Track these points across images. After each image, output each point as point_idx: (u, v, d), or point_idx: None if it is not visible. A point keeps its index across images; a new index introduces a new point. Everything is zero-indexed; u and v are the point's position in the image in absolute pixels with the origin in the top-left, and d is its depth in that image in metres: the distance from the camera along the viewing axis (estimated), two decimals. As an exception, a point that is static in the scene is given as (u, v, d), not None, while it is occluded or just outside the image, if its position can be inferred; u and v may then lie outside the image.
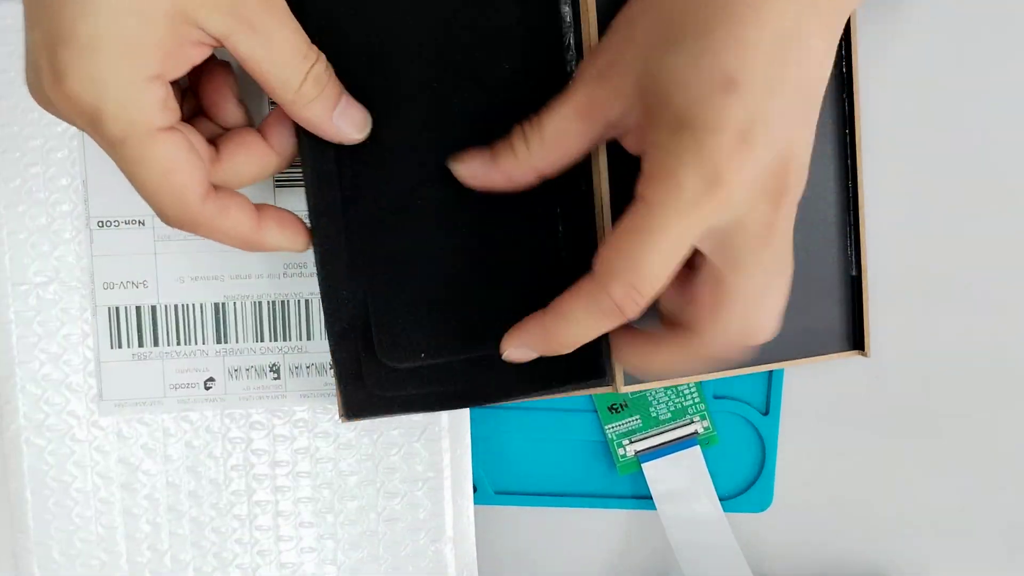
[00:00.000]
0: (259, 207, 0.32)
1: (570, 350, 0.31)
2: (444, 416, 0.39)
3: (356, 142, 0.32)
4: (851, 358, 0.37)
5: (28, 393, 0.38)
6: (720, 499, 0.38)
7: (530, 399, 0.35)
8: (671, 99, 0.27)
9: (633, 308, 0.28)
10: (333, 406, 0.39)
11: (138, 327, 0.38)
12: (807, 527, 0.39)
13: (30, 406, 0.38)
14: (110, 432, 0.38)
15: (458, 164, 0.32)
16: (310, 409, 0.39)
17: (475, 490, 0.40)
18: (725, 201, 0.27)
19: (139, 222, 0.38)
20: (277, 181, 0.37)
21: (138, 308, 0.38)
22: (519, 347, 0.32)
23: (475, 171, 0.31)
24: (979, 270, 0.36)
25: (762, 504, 0.39)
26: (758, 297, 0.28)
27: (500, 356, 0.32)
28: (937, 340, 0.38)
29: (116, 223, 0.38)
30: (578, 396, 0.39)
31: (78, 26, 0.26)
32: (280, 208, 0.33)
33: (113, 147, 0.28)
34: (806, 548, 0.39)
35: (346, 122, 0.31)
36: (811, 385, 0.38)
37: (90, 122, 0.27)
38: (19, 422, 0.38)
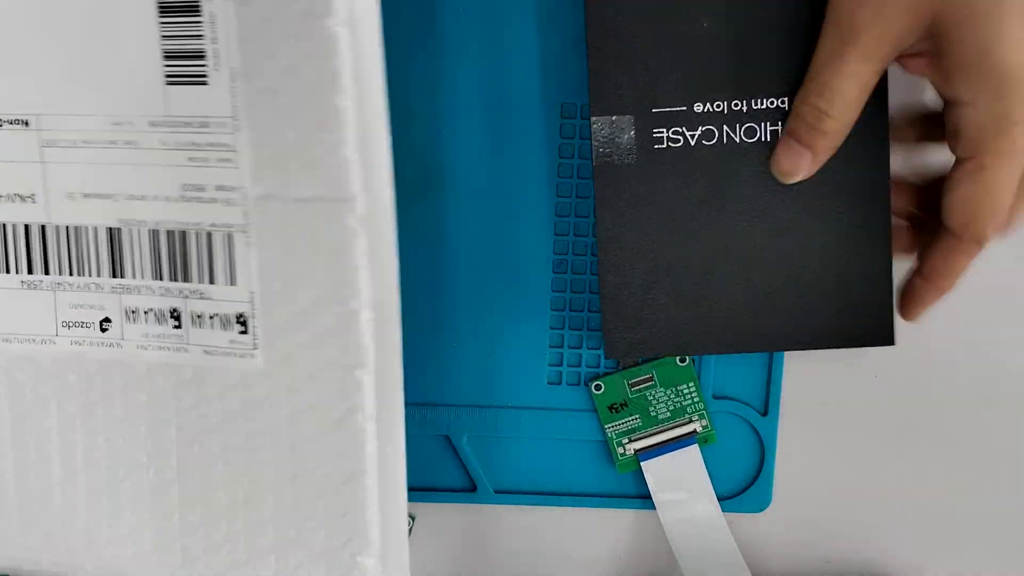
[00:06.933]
0: None
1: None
2: (369, 401, 0.30)
3: None
4: (852, 357, 0.38)
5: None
6: (719, 499, 0.38)
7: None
8: (991, 52, 0.28)
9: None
10: (240, 369, 0.31)
11: (27, 249, 0.32)
12: (806, 527, 0.40)
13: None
14: (-3, 371, 0.33)
15: (776, 167, 0.32)
16: (214, 371, 0.31)
17: (475, 489, 0.38)
18: None
19: (22, 122, 0.31)
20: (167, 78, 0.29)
21: (27, 227, 0.32)
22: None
23: (791, 164, 0.32)
24: (977, 270, 0.34)
25: (761, 504, 0.39)
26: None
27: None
28: (936, 340, 0.38)
29: (-6, 122, 0.31)
30: (577, 396, 0.38)
31: None
32: None
33: None
34: (805, 548, 0.40)
35: None
36: (811, 385, 0.39)
37: None
38: None
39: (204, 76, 0.29)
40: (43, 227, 0.32)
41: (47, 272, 0.32)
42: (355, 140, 0.28)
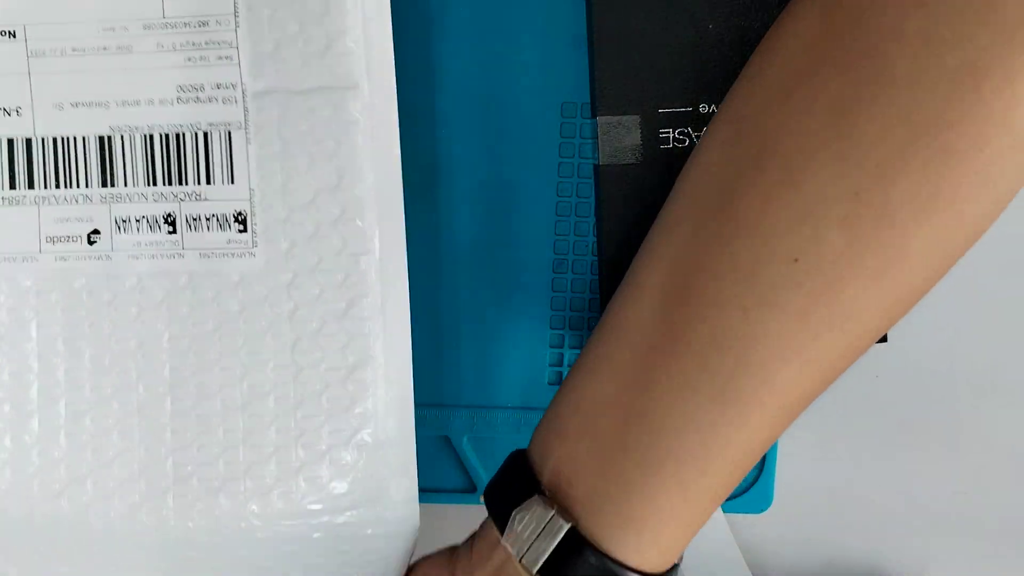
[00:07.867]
0: None
1: None
2: (375, 288, 0.31)
3: None
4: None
5: None
6: (720, 500, 0.38)
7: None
8: None
9: None
10: (239, 268, 0.31)
11: (10, 164, 0.31)
12: (807, 527, 0.40)
13: None
14: (-26, 292, 0.32)
15: None
16: (211, 274, 0.31)
17: (475, 490, 0.38)
18: None
19: (8, 33, 0.31)
20: None
21: (10, 141, 0.31)
22: None
23: None
24: (978, 271, 0.36)
25: (762, 504, 0.38)
26: None
27: None
28: (937, 340, 0.38)
29: (-16, 37, 0.31)
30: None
31: None
32: None
33: None
34: (806, 548, 0.40)
35: None
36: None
37: None
38: None
39: (205, -26, 0.30)
40: (28, 140, 0.31)
41: (31, 187, 0.32)
42: (359, 28, 0.30)
